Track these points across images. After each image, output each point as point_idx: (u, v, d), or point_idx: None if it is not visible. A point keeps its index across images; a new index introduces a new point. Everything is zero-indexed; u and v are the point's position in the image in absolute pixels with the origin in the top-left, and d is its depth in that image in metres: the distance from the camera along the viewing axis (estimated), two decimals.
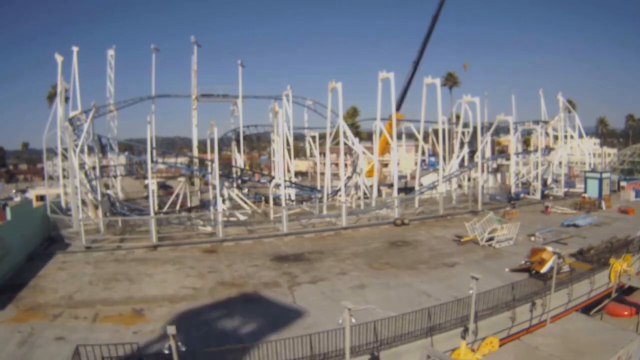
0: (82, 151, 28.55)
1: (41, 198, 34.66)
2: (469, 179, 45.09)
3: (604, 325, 13.19)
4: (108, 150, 36.32)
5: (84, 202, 27.58)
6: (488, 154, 45.78)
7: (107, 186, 35.16)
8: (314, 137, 45.67)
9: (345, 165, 37.97)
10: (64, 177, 30.05)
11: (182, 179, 36.05)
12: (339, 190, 36.44)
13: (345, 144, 35.09)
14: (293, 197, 38.63)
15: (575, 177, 51.08)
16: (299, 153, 75.29)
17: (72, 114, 31.20)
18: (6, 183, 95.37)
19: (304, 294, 17.46)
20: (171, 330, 9.52)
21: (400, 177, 43.70)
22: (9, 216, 21.78)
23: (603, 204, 37.00)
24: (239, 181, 36.66)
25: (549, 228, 28.61)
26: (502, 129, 45.92)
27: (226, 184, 33.07)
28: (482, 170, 41.32)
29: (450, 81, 77.82)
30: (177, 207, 34.27)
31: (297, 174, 58.39)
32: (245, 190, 40.25)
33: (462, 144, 43.26)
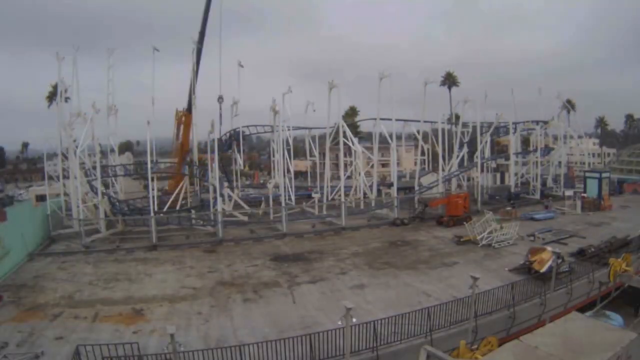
0: (82, 151, 28.53)
1: (41, 198, 34.64)
2: (468, 179, 45.04)
3: (604, 324, 13.17)
4: (108, 150, 36.35)
5: (84, 202, 27.60)
6: (488, 154, 45.73)
7: (106, 186, 35.11)
8: (313, 137, 45.58)
9: (345, 165, 37.94)
10: (64, 177, 30.04)
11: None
12: (339, 190, 36.40)
13: (344, 143, 35.05)
14: (293, 197, 38.59)
15: (575, 177, 51.01)
16: (299, 153, 75.17)
17: (72, 114, 31.15)
18: (6, 183, 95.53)
19: (303, 294, 17.50)
20: (171, 330, 9.55)
21: (400, 177, 43.69)
22: (9, 216, 21.80)
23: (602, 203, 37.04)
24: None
25: (549, 228, 28.65)
26: (502, 129, 45.82)
27: (226, 184, 33.08)
28: (482, 170, 41.27)
29: (450, 81, 77.94)
30: (177, 207, 34.21)
31: (296, 173, 58.28)
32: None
33: (461, 144, 43.19)
